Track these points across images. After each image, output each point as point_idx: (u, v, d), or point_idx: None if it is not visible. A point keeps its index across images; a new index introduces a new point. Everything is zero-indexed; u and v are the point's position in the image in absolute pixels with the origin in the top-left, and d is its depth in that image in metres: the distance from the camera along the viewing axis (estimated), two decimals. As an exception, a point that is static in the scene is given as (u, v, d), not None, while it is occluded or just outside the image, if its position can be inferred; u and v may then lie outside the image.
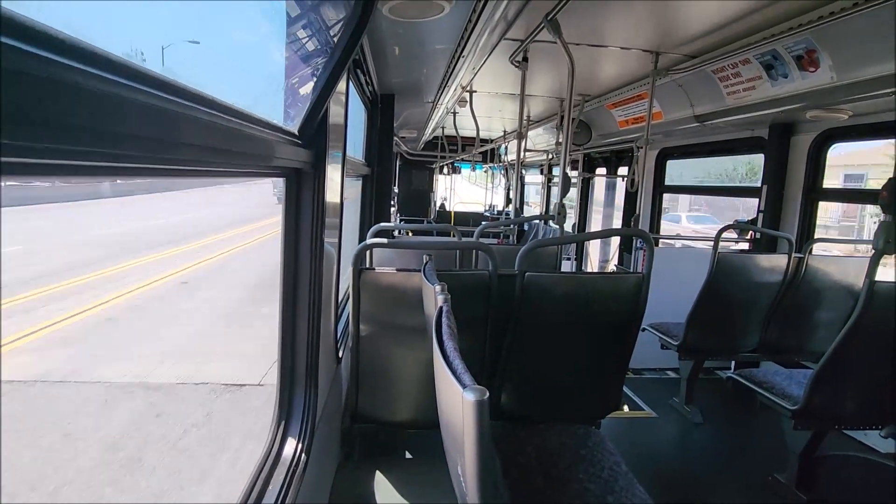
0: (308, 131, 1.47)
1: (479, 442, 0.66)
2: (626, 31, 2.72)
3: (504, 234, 6.08)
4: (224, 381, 4.85)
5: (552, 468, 1.75)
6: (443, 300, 1.11)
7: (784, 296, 3.14)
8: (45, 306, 6.68)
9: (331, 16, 1.74)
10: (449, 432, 0.91)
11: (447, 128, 6.60)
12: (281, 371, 1.54)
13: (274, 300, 1.64)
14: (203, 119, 0.78)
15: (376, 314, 2.02)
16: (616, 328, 2.09)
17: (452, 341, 0.89)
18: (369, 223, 4.04)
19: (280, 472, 1.37)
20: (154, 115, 0.64)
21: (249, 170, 1.15)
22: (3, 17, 0.41)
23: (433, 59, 3.03)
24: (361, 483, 2.07)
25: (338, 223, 1.94)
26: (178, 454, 3.64)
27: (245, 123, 0.98)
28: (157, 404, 4.38)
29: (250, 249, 12.49)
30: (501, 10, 1.87)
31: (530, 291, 1.98)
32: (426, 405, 2.14)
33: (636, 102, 4.17)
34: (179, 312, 6.96)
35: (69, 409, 4.19)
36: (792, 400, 2.34)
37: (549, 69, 3.58)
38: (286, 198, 1.49)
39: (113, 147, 0.57)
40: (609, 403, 2.25)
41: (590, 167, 6.82)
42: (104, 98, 0.53)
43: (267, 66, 1.58)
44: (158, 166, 0.72)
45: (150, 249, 10.94)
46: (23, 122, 0.43)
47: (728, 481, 2.61)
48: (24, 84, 0.43)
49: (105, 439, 3.78)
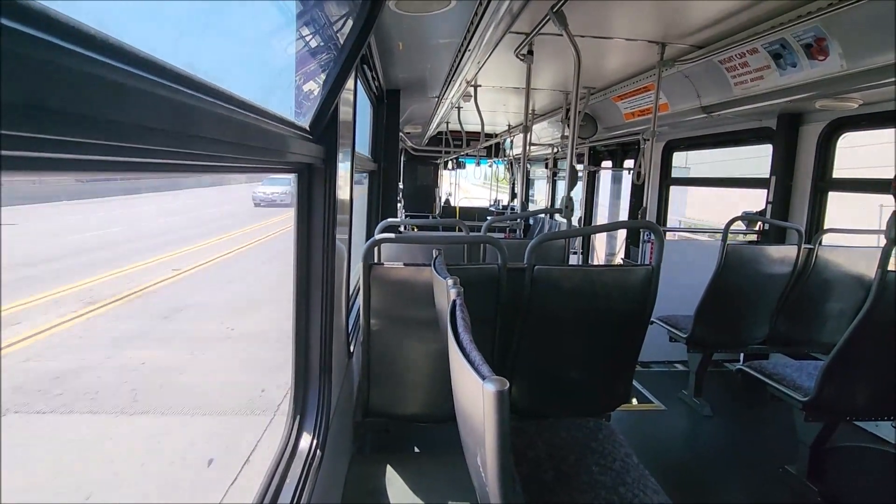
0: (319, 127, 1.48)
1: (500, 433, 0.66)
2: (632, 23, 2.70)
3: (511, 228, 6.07)
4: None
5: (563, 462, 1.76)
6: (455, 293, 1.11)
7: (793, 287, 3.12)
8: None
9: (338, 12, 1.74)
10: (467, 424, 0.91)
11: (452, 123, 6.59)
12: (295, 366, 1.56)
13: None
14: (219, 113, 0.78)
15: (386, 309, 2.03)
16: (625, 321, 2.08)
17: (468, 334, 0.89)
18: (376, 219, 4.05)
19: (297, 466, 1.38)
20: (170, 107, 0.63)
21: (263, 165, 1.16)
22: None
23: (438, 53, 3.02)
24: (373, 477, 2.08)
25: (348, 219, 1.95)
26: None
27: (259, 118, 0.99)
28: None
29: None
30: (507, 4, 1.86)
31: (540, 285, 1.98)
32: (437, 399, 2.15)
33: (642, 94, 4.15)
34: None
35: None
36: (802, 391, 2.33)
37: (554, 62, 3.56)
38: (298, 194, 1.49)
39: (127, 141, 0.56)
40: (619, 396, 2.25)
41: (595, 160, 6.79)
42: (117, 88, 0.52)
43: (277, 62, 1.58)
44: (173, 161, 0.71)
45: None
46: (28, 113, 0.40)
47: (739, 473, 2.61)
48: (27, 71, 0.40)
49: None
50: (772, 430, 3.04)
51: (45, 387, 4.31)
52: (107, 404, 4.15)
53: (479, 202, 11.69)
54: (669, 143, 4.99)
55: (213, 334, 5.90)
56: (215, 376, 4.86)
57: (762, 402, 3.35)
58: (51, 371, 4.61)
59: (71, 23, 0.46)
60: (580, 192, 6.88)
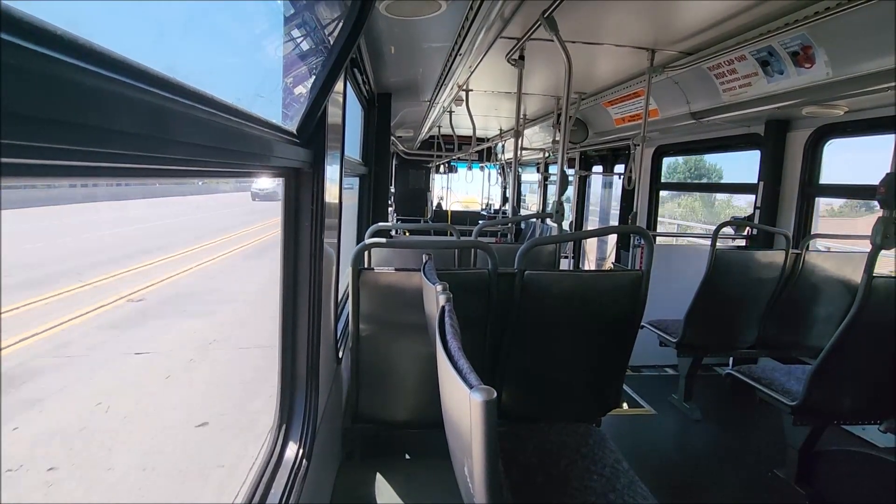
0: (307, 130, 1.47)
1: (487, 442, 0.65)
2: (622, 29, 2.72)
3: (502, 232, 6.08)
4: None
5: (553, 467, 1.75)
6: (445, 299, 1.10)
7: (782, 292, 3.15)
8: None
9: (328, 15, 1.73)
10: (454, 433, 0.90)
11: (443, 127, 6.60)
12: (281, 373, 1.53)
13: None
14: (202, 117, 0.77)
15: (376, 314, 2.02)
16: (616, 326, 2.08)
17: (456, 341, 0.88)
18: (367, 223, 4.03)
19: (282, 475, 1.36)
20: (150, 112, 0.62)
21: (248, 169, 1.14)
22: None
23: (430, 57, 3.02)
24: (362, 484, 2.06)
25: (336, 223, 1.94)
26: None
27: (244, 122, 0.97)
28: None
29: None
30: (498, 8, 1.86)
31: (530, 290, 1.97)
32: (426, 405, 2.13)
33: (632, 100, 4.18)
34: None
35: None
36: (791, 395, 2.34)
37: (545, 67, 3.58)
38: (285, 198, 1.48)
39: (106, 146, 0.54)
40: (609, 401, 2.25)
41: (586, 165, 6.83)
42: (95, 94, 0.51)
43: (264, 64, 1.57)
44: (154, 166, 0.70)
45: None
46: (6, 119, 0.39)
47: (728, 477, 2.62)
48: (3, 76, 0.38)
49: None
50: (761, 434, 3.06)
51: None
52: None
53: (471, 205, 11.69)
54: (659, 148, 5.03)
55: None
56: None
57: (752, 406, 3.37)
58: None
59: (35, 22, 0.44)
60: (572, 197, 6.91)
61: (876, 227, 1.86)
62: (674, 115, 3.83)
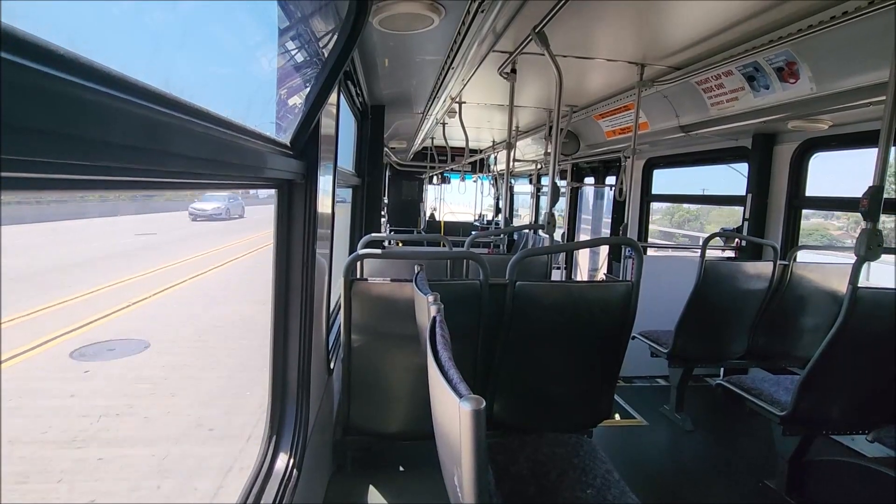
0: (300, 143, 1.48)
1: (477, 452, 0.66)
2: (613, 44, 2.77)
3: (494, 243, 6.10)
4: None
5: (544, 478, 1.74)
6: (436, 310, 1.11)
7: (770, 302, 3.18)
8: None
9: (322, 27, 1.75)
10: (444, 442, 0.90)
11: (437, 138, 6.64)
12: (272, 384, 1.53)
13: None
14: (197, 130, 0.78)
15: (368, 325, 2.01)
16: (607, 336, 2.10)
17: (447, 351, 0.89)
18: (360, 234, 4.03)
19: (272, 486, 1.35)
20: (146, 125, 0.63)
21: (240, 181, 1.15)
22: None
23: (423, 70, 3.05)
24: (354, 495, 2.04)
25: (329, 234, 1.94)
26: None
27: (237, 134, 0.98)
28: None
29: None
30: (490, 23, 1.90)
31: (521, 301, 1.98)
32: (418, 416, 2.12)
33: (623, 113, 4.24)
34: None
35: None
36: (780, 406, 2.36)
37: (537, 80, 3.63)
38: (277, 209, 1.48)
39: (102, 160, 0.55)
40: (600, 412, 2.25)
41: (578, 177, 6.89)
42: (92, 108, 0.51)
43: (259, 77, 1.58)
44: (148, 179, 0.71)
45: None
46: (5, 133, 0.39)
47: (719, 488, 2.62)
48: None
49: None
50: (751, 444, 3.07)
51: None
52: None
53: (464, 216, 11.71)
54: (650, 160, 5.10)
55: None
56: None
57: (742, 417, 3.38)
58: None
59: (31, 39, 0.45)
60: (563, 208, 6.96)
61: (860, 239, 1.90)
62: (663, 129, 3.89)
